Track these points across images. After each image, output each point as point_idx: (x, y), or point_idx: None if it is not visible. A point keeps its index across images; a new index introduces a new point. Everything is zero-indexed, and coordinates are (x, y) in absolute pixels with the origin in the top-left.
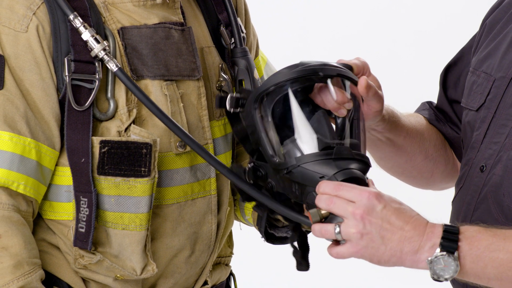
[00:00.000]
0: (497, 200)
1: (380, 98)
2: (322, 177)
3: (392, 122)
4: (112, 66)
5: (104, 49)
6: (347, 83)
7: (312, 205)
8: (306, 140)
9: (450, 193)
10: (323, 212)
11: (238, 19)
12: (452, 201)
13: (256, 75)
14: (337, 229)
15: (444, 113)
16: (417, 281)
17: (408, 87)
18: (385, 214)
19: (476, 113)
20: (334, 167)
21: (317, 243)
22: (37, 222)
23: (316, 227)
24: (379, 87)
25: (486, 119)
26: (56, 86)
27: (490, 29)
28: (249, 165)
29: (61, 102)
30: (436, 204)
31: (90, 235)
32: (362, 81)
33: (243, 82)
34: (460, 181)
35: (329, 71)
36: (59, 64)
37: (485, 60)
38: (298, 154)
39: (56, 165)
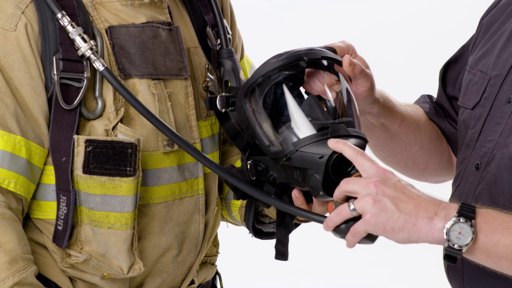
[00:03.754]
0: (492, 198)
1: (368, 77)
2: (321, 157)
3: (387, 107)
4: (98, 65)
5: (91, 48)
6: (333, 64)
7: (316, 188)
8: (300, 124)
9: (447, 192)
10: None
11: (224, 21)
12: (449, 200)
13: (242, 76)
14: (352, 206)
15: (443, 109)
16: (417, 283)
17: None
18: (399, 186)
19: (472, 111)
20: None
21: (311, 242)
22: (24, 221)
23: (332, 214)
24: (367, 66)
25: (481, 117)
26: (44, 85)
27: (487, 28)
28: (249, 162)
29: (50, 101)
30: None
31: (66, 234)
32: (345, 59)
33: (229, 83)
34: (456, 179)
35: (313, 55)
36: (48, 63)
37: (481, 59)
38: (295, 139)
39: (44, 164)
